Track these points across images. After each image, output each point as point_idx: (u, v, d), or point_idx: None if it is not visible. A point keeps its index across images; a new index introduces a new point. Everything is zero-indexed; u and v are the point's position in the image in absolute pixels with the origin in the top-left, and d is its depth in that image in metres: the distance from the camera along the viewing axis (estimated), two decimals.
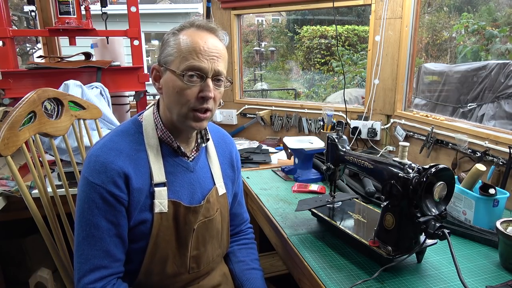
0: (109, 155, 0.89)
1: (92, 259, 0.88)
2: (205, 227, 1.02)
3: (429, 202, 0.90)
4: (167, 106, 0.94)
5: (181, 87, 0.88)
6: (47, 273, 1.81)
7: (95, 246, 0.88)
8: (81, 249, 0.88)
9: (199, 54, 0.87)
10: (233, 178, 1.15)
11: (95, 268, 0.88)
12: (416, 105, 3.90)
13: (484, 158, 1.46)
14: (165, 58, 0.91)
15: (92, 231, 0.87)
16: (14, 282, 1.96)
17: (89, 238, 0.87)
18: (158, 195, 0.93)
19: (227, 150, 1.14)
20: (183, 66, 0.87)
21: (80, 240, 0.88)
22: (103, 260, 0.88)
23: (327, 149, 1.27)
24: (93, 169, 0.87)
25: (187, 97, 0.89)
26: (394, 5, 1.89)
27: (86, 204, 0.87)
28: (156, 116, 0.97)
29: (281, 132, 2.41)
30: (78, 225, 0.89)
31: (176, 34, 0.91)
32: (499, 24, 5.00)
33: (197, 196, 1.01)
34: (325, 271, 0.99)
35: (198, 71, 0.88)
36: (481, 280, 0.95)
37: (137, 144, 0.93)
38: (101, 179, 0.86)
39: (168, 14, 9.00)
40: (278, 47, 9.11)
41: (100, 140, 0.94)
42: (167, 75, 0.91)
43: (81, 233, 0.88)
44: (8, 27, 1.83)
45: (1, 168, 1.71)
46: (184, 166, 0.99)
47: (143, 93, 2.09)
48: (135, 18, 1.97)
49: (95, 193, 0.87)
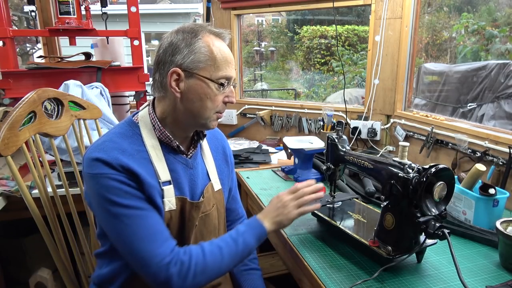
0: (111, 152, 0.87)
1: (152, 235, 0.85)
2: (203, 223, 1.03)
3: (429, 202, 0.90)
4: (188, 110, 0.93)
5: (213, 93, 0.92)
6: (47, 273, 1.81)
7: (146, 224, 0.85)
8: (133, 238, 0.84)
9: (229, 64, 0.94)
10: (228, 173, 1.16)
11: (162, 244, 0.86)
12: (416, 105, 3.90)
13: (484, 158, 1.46)
14: (193, 64, 0.90)
15: (133, 212, 0.85)
16: (14, 282, 1.97)
17: (136, 220, 0.85)
18: (167, 194, 0.94)
19: (219, 145, 1.16)
20: (219, 74, 0.92)
21: (127, 232, 0.84)
22: (163, 233, 0.88)
23: (327, 149, 1.27)
24: (96, 165, 0.85)
25: (217, 102, 0.93)
26: (394, 5, 1.89)
27: (108, 195, 0.84)
28: (153, 116, 0.97)
29: (281, 132, 2.41)
30: (113, 222, 0.85)
31: (197, 40, 0.91)
32: (499, 24, 5.00)
33: (197, 192, 1.02)
34: (325, 271, 0.99)
35: (229, 80, 0.94)
36: (481, 280, 0.95)
37: (136, 145, 0.93)
38: (107, 169, 0.85)
39: (168, 14, 8.99)
40: (278, 47, 9.11)
41: (95, 142, 0.92)
42: (193, 81, 0.91)
43: (121, 225, 0.85)
44: (8, 27, 1.83)
45: (1, 168, 1.71)
46: (183, 163, 1.00)
47: (143, 93, 2.09)
48: (135, 18, 1.97)
49: (110, 180, 0.84)
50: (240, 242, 0.93)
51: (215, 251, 0.90)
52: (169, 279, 0.84)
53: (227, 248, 0.91)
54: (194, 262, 0.86)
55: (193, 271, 0.86)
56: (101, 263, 1.02)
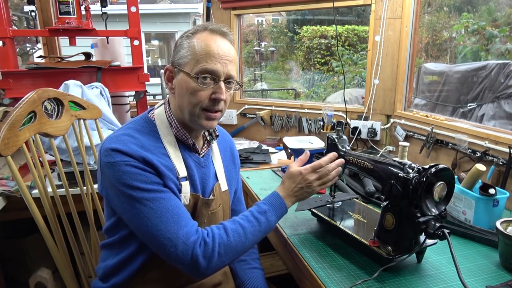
0: (130, 144, 0.88)
1: (176, 216, 0.86)
2: (209, 220, 1.04)
3: (429, 202, 0.90)
4: (179, 105, 0.96)
5: (194, 88, 0.91)
6: (47, 273, 1.81)
7: (168, 205, 0.86)
8: (161, 219, 0.85)
9: (212, 58, 0.91)
10: (235, 174, 1.18)
11: (186, 222, 0.87)
12: (416, 105, 3.90)
13: (484, 158, 1.46)
14: (179, 60, 0.93)
15: (155, 195, 0.86)
16: (14, 282, 1.97)
17: (159, 203, 0.85)
18: (184, 189, 0.95)
19: (227, 147, 1.17)
20: (197, 68, 0.91)
21: (153, 215, 0.85)
22: (186, 214, 0.89)
23: (327, 149, 1.27)
24: (115, 155, 0.86)
25: (200, 98, 0.92)
26: (394, 5, 1.89)
27: (128, 180, 0.84)
28: (169, 114, 0.99)
29: (281, 132, 2.41)
30: (136, 206, 0.85)
31: (190, 37, 0.94)
32: (499, 24, 4.99)
33: (207, 190, 1.04)
34: (325, 271, 0.99)
35: (212, 74, 0.91)
36: (481, 280, 0.95)
37: (154, 141, 0.95)
38: (127, 157, 0.86)
39: (168, 14, 9.00)
40: (278, 47, 9.11)
41: (112, 134, 0.93)
42: (180, 76, 0.93)
43: (144, 208, 0.85)
44: (8, 27, 1.83)
45: (1, 168, 1.71)
46: (197, 162, 1.02)
47: (143, 93, 2.09)
48: (135, 18, 1.97)
49: (127, 166, 0.85)
50: (262, 221, 0.94)
51: (238, 230, 0.90)
52: (196, 259, 0.84)
53: (250, 227, 0.92)
54: (218, 243, 0.87)
55: (217, 252, 0.86)
56: (107, 255, 1.02)
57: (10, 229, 1.95)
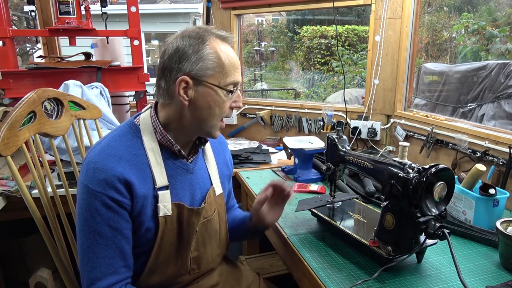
0: (108, 161, 0.87)
1: (99, 267, 0.87)
2: (204, 228, 1.02)
3: (429, 202, 0.90)
4: (197, 118, 0.92)
5: (222, 100, 0.92)
6: (47, 273, 1.81)
7: (100, 254, 0.87)
8: (87, 257, 0.87)
9: (237, 69, 0.93)
10: (229, 176, 1.18)
11: (102, 276, 0.87)
12: (416, 105, 3.91)
13: (484, 158, 1.46)
14: (202, 71, 0.88)
15: (97, 239, 0.86)
16: (14, 282, 1.96)
17: (94, 246, 0.86)
18: (162, 199, 0.93)
19: (221, 149, 1.16)
20: (228, 81, 0.91)
21: (84, 248, 0.87)
22: (110, 267, 0.87)
23: (327, 149, 1.27)
24: (92, 176, 0.86)
25: (225, 109, 0.93)
26: (394, 5, 1.89)
27: (88, 212, 0.86)
28: (154, 119, 0.95)
29: (281, 132, 2.41)
30: (81, 233, 0.88)
31: (205, 44, 0.89)
32: (499, 24, 5.00)
33: (197, 197, 1.01)
34: (325, 271, 0.99)
35: (236, 85, 0.93)
36: (481, 280, 0.95)
37: (135, 149, 0.92)
38: (102, 186, 0.85)
39: (168, 14, 8.99)
40: (278, 47, 9.12)
41: (96, 145, 0.92)
42: (202, 89, 0.90)
43: (85, 242, 0.87)
44: (8, 27, 1.83)
45: (1, 168, 1.71)
46: (184, 168, 0.99)
47: (143, 93, 2.09)
48: (135, 18, 1.97)
49: (97, 200, 0.85)
50: None
51: None
52: None
53: None
54: None
55: None
56: None
57: (10, 229, 1.95)
